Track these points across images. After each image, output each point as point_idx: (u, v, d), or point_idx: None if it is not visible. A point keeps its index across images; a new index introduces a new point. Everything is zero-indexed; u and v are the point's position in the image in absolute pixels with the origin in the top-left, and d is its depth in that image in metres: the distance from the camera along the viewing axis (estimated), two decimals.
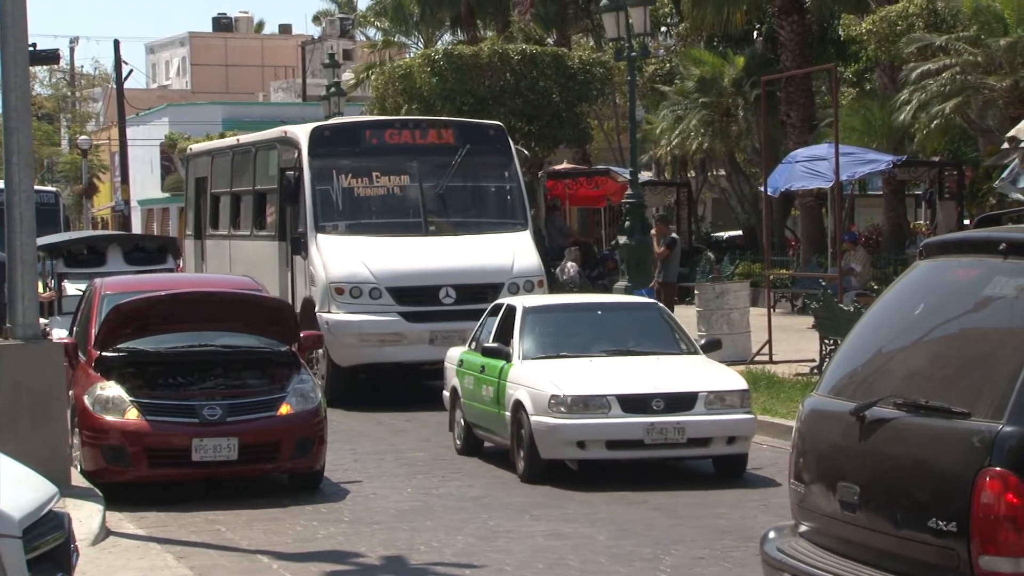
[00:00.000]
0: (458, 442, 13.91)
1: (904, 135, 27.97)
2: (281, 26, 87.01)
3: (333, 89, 39.79)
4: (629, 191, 23.95)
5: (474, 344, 13.90)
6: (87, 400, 11.83)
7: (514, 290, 17.06)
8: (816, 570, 5.47)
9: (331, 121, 20.55)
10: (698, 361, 12.94)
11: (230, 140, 21.97)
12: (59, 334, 14.97)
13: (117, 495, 11.29)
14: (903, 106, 24.98)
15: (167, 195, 56.79)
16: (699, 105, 32.52)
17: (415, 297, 17.18)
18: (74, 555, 7.15)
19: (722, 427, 12.01)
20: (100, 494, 11.04)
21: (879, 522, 5.26)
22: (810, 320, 20.68)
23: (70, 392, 11.94)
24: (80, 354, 12.55)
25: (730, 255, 33.16)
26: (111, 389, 11.83)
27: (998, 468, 4.76)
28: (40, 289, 14.07)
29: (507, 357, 12.85)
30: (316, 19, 75.96)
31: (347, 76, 50.52)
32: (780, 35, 31.66)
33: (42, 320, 13.06)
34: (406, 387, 18.36)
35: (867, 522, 5.32)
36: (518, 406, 12.33)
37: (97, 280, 14.07)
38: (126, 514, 11.03)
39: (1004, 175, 18.94)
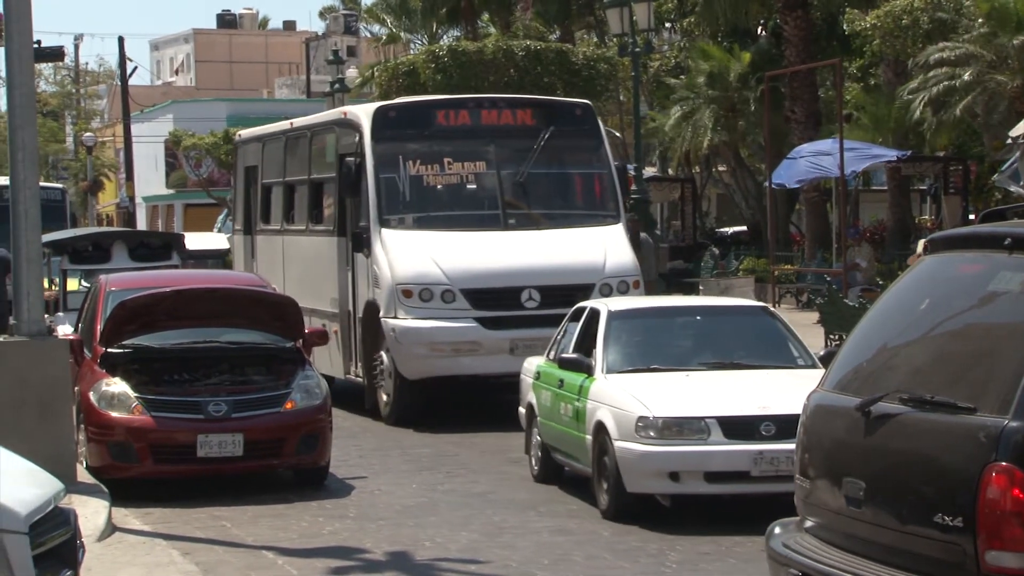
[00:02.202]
0: (535, 467, 12.07)
1: (909, 130, 27.97)
2: (285, 22, 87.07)
3: (337, 86, 39.82)
4: (634, 187, 23.95)
5: (553, 353, 12.06)
6: (92, 396, 11.83)
7: (606, 292, 15.02)
8: (822, 565, 5.47)
9: (397, 100, 18.36)
10: (816, 376, 10.95)
11: (283, 124, 19.54)
12: (64, 330, 14.98)
13: (123, 491, 11.30)
14: (912, 101, 24.96)
15: (171, 192, 56.86)
16: (708, 99, 32.52)
17: (494, 300, 15.13)
18: (80, 551, 7.16)
19: None
20: (106, 490, 11.04)
21: (885, 517, 5.26)
22: (815, 316, 20.66)
23: (75, 388, 11.95)
24: (85, 350, 12.55)
25: (735, 251, 33.16)
26: (116, 385, 11.84)
27: (1004, 463, 4.75)
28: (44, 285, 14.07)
29: (588, 370, 11.04)
30: (322, 15, 76.00)
31: (351, 72, 50.50)
32: (785, 30, 31.64)
33: (47, 316, 13.07)
34: (479, 403, 16.17)
35: (873, 517, 5.32)
36: (600, 428, 10.51)
37: (102, 276, 14.07)
38: (132, 510, 11.04)
39: (1004, 168, 18.96)
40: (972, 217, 29.49)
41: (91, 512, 10.15)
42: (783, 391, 10.13)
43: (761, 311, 12.13)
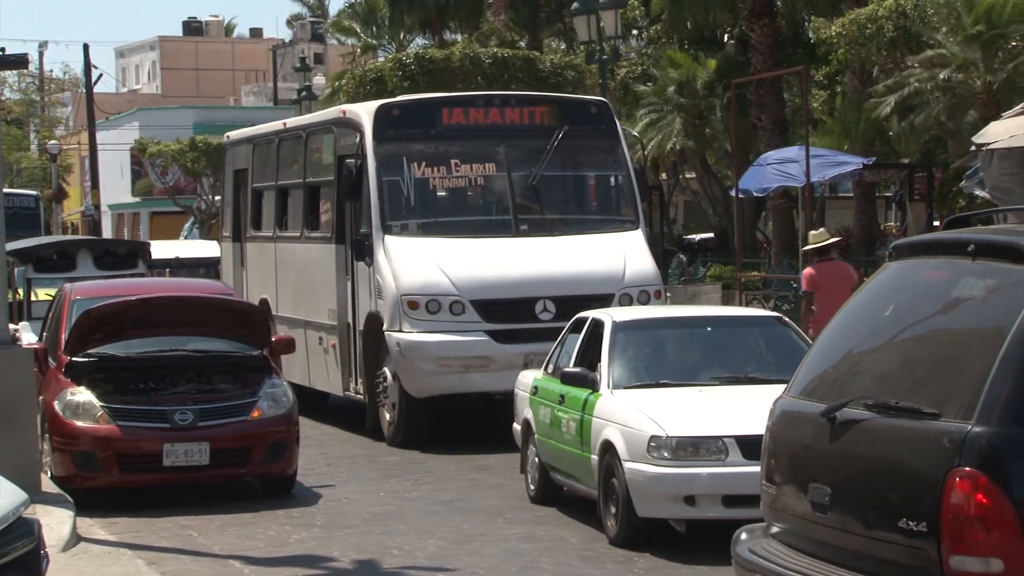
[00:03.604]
0: (531, 487, 11.44)
1: (876, 137, 28.13)
2: (252, 30, 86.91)
3: (304, 93, 39.75)
4: None
5: (551, 367, 11.33)
6: (57, 406, 11.76)
7: (626, 302, 14.12)
8: (788, 571, 5.49)
9: (401, 98, 17.10)
10: None
11: (275, 124, 18.44)
12: (29, 339, 14.88)
13: (88, 501, 11.24)
14: (881, 106, 25.13)
15: (137, 200, 56.60)
16: (677, 107, 32.63)
17: (506, 312, 14.09)
18: (44, 561, 7.11)
19: None
20: (71, 500, 10.98)
21: (850, 523, 5.28)
22: None
23: (40, 398, 11.87)
24: (50, 359, 12.48)
25: (702, 257, 33.25)
26: (81, 394, 11.77)
27: (968, 468, 4.78)
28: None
29: (593, 385, 10.33)
30: (289, 22, 75.87)
31: (318, 80, 50.43)
32: (751, 38, 31.76)
33: (11, 325, 12.97)
34: (487, 419, 14.86)
35: (838, 523, 5.34)
36: (607, 448, 9.84)
37: (67, 285, 14.00)
38: (97, 520, 10.98)
39: (969, 174, 19.12)
40: (937, 224, 29.65)
41: (56, 522, 10.09)
42: None
43: (775, 321, 11.34)
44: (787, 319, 11.48)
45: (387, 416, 14.59)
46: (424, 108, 15.48)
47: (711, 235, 38.35)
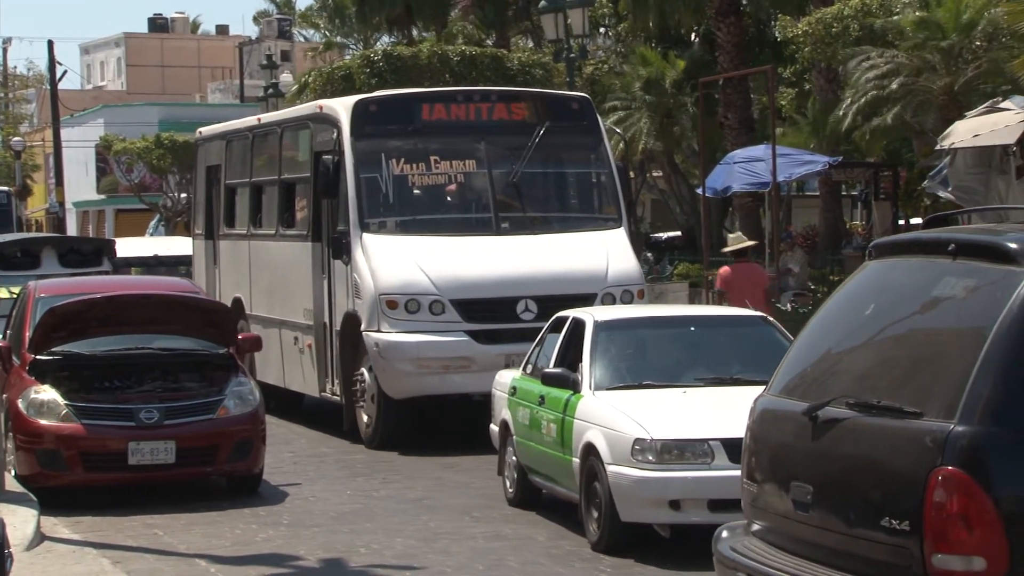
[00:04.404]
0: (509, 490, 11.25)
1: (842, 138, 28.27)
2: (218, 27, 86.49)
3: (271, 90, 39.61)
4: None
5: (530, 368, 11.11)
6: (21, 404, 11.68)
7: (609, 301, 13.98)
8: (771, 569, 5.49)
9: (379, 93, 16.76)
10: None
11: (249, 120, 18.22)
12: None
13: (52, 500, 11.16)
14: (844, 109, 25.24)
15: (103, 197, 56.29)
16: (645, 105, 32.70)
17: (486, 312, 13.87)
18: (8, 561, 7.06)
19: None
20: (35, 499, 10.90)
21: (832, 521, 5.29)
22: None
23: (4, 396, 11.78)
24: (14, 358, 12.39)
25: (669, 256, 33.33)
26: (46, 393, 11.70)
27: (950, 467, 4.80)
28: None
29: (574, 386, 10.12)
30: (256, 19, 75.56)
31: (285, 77, 50.26)
32: (718, 37, 31.85)
33: None
34: (458, 419, 14.85)
35: (820, 521, 5.35)
36: (590, 451, 9.64)
37: (31, 283, 13.90)
38: (61, 519, 10.91)
39: (933, 174, 19.23)
40: (902, 223, 29.81)
41: (19, 521, 10.03)
42: None
43: (760, 321, 11.12)
44: (772, 319, 11.35)
45: (365, 417, 14.40)
46: (403, 103, 15.23)
47: (678, 233, 38.45)
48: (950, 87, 22.76)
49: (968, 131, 17.79)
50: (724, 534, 6.02)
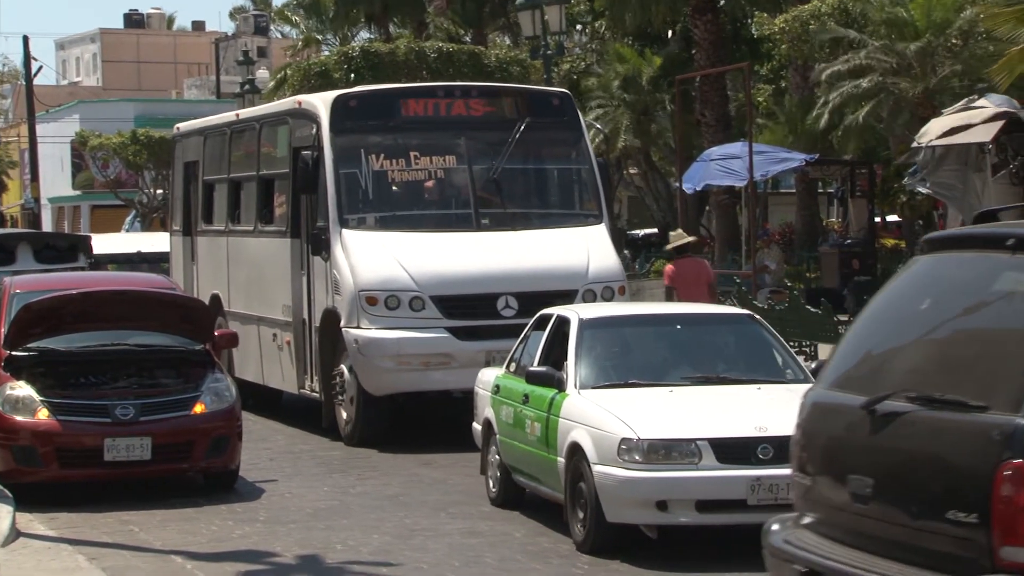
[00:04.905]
0: (492, 489, 11.10)
1: (819, 136, 28.38)
2: (194, 23, 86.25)
3: (248, 86, 39.53)
4: None
5: (514, 366, 10.97)
6: None
7: (590, 298, 13.90)
8: (831, 561, 5.49)
9: (359, 88, 16.70)
10: None
11: (228, 115, 18.05)
12: None
13: (28, 496, 11.13)
14: (819, 108, 25.35)
15: (78, 193, 56.07)
16: (623, 103, 32.76)
17: (467, 308, 13.78)
18: None
19: None
20: (10, 495, 10.87)
21: (894, 514, 5.30)
22: None
23: None
24: None
25: (646, 253, 33.40)
26: (21, 389, 11.66)
27: (1017, 460, 4.82)
28: None
29: (559, 385, 9.99)
30: (232, 15, 75.37)
31: (262, 73, 50.15)
32: (694, 34, 31.91)
33: None
34: (437, 416, 14.89)
35: (881, 514, 5.36)
36: (575, 451, 9.48)
37: (6, 279, 13.84)
38: (37, 515, 10.87)
39: (911, 171, 19.36)
40: (878, 220, 29.92)
41: None
42: (780, 409, 8.85)
43: (747, 319, 10.95)
44: (759, 317, 11.28)
45: (344, 414, 14.31)
46: (383, 99, 15.18)
47: (655, 230, 38.53)
48: (923, 90, 22.88)
49: (943, 128, 17.89)
50: (775, 527, 5.97)
